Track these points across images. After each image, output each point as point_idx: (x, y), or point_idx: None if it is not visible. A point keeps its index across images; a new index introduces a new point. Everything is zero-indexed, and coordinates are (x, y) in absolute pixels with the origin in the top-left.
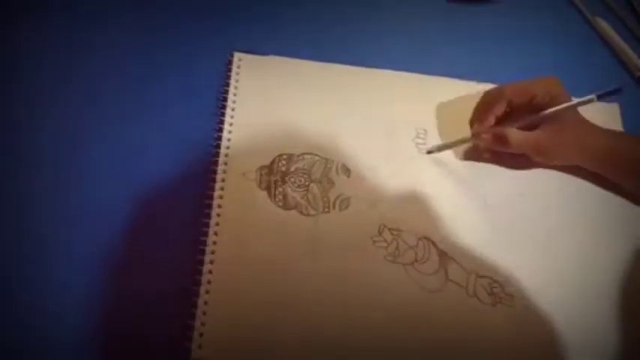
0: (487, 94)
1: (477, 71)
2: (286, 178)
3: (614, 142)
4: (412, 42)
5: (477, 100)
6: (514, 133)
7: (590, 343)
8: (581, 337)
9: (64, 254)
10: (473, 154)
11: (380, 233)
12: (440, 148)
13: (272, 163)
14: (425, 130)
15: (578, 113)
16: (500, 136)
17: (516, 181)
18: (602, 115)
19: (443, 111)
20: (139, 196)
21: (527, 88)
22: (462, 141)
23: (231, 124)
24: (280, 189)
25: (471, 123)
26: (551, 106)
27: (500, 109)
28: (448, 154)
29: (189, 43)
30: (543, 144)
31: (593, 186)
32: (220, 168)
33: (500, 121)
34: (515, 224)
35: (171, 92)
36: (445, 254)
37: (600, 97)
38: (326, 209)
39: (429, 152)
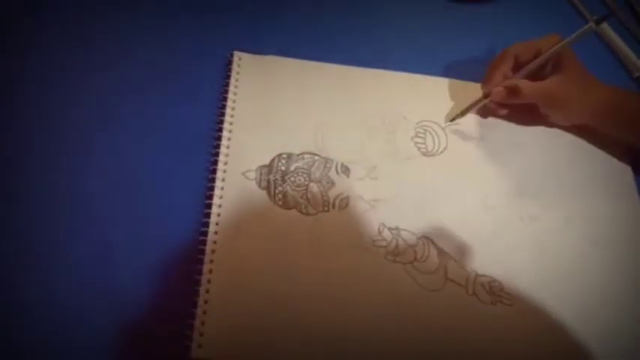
0: (494, 59)
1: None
2: (286, 178)
3: (618, 95)
4: (412, 42)
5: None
6: (525, 84)
7: (590, 342)
8: (581, 335)
9: (63, 254)
10: (486, 117)
11: (379, 232)
12: (458, 116)
13: (272, 162)
14: (424, 130)
15: (582, 66)
16: (512, 88)
17: (516, 181)
18: None
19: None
20: (138, 195)
21: (531, 44)
22: (476, 103)
23: (231, 124)
24: (280, 188)
25: (482, 87)
26: (557, 60)
27: (507, 65)
28: (451, 148)
29: (189, 43)
30: (553, 91)
31: (594, 186)
32: (220, 167)
33: (508, 78)
34: (515, 224)
35: (171, 92)
36: (444, 253)
37: (598, 22)
38: (325, 208)
39: (452, 120)
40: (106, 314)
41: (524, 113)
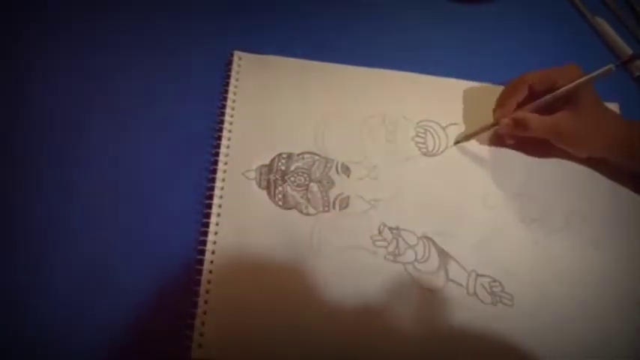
0: (509, 83)
1: (477, 71)
2: (286, 178)
3: (636, 131)
4: (412, 42)
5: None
6: (533, 117)
7: (590, 342)
8: (581, 336)
9: (63, 254)
10: (497, 143)
11: (380, 232)
12: (466, 138)
13: (272, 162)
14: (424, 130)
15: (597, 99)
16: (520, 121)
17: (516, 181)
18: None
19: (468, 106)
20: (138, 195)
21: (548, 75)
22: (485, 128)
23: (231, 124)
24: (280, 188)
25: (494, 112)
26: (574, 93)
27: (521, 94)
28: (452, 148)
29: (190, 43)
30: (562, 127)
31: (594, 186)
32: (220, 167)
33: (522, 106)
34: (515, 224)
35: (171, 92)
36: (445, 253)
37: (620, 66)
38: (326, 208)
39: (457, 142)
40: (105, 314)
41: (536, 144)
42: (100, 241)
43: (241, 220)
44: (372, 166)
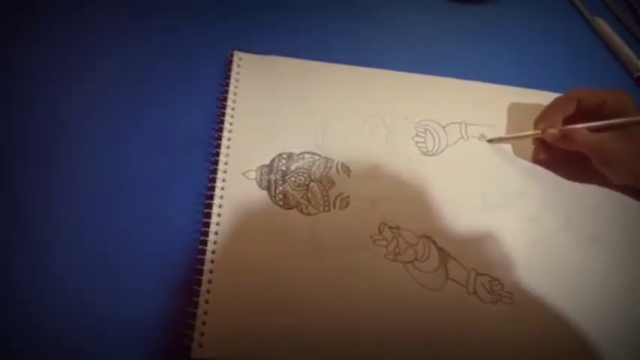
0: (557, 97)
1: (477, 71)
2: (286, 178)
3: None
4: (412, 42)
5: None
6: (581, 132)
7: (590, 341)
8: (581, 334)
9: (64, 251)
10: (528, 153)
11: (380, 232)
12: (501, 140)
13: (272, 162)
14: (425, 130)
15: None
16: (566, 133)
17: (516, 181)
18: None
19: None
20: (138, 195)
21: (597, 93)
22: (526, 136)
23: (231, 124)
24: (280, 188)
25: (537, 122)
26: (621, 117)
27: (570, 109)
28: (452, 148)
29: (190, 43)
30: (609, 149)
31: (594, 186)
32: (220, 167)
33: (569, 123)
34: (515, 223)
35: (171, 92)
36: (445, 252)
37: None
38: (326, 208)
39: (490, 141)
40: (105, 314)
41: (569, 164)
42: (99, 241)
43: (241, 220)
44: (373, 166)
